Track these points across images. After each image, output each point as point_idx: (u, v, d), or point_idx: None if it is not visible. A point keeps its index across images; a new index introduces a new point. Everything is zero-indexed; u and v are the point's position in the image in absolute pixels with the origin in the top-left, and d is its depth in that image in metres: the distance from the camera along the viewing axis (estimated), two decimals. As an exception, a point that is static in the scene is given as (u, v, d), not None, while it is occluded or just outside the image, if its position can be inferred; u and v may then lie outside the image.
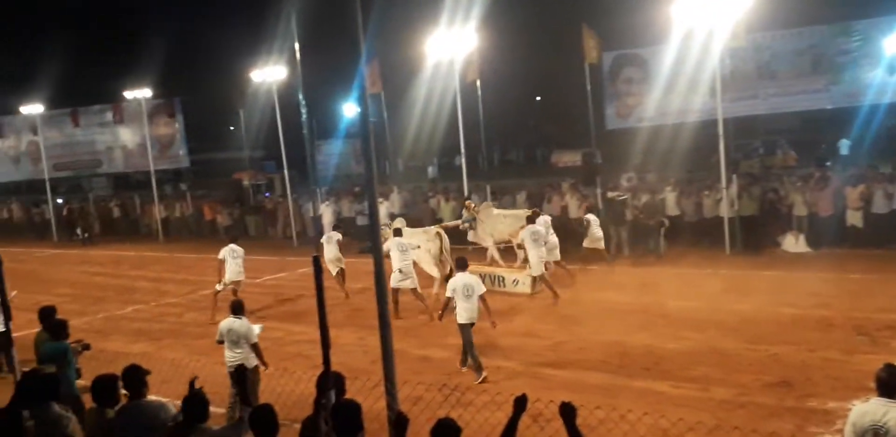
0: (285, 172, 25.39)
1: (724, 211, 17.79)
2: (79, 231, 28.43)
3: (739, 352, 10.14)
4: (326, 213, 23.07)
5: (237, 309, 8.70)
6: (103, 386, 5.47)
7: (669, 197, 18.96)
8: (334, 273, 14.77)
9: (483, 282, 10.76)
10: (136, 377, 5.50)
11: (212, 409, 5.28)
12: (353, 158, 43.43)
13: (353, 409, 4.60)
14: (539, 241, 13.89)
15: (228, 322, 8.55)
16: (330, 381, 4.68)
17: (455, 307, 9.95)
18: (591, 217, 16.63)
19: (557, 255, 15.10)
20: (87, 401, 5.93)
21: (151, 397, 5.67)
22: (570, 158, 36.40)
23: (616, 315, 12.41)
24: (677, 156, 25.08)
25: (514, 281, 14.57)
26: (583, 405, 4.76)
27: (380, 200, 21.22)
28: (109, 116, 35.89)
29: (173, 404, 5.60)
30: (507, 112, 46.47)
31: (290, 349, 11.52)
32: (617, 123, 22.79)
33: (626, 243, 18.37)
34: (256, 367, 8.41)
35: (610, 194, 19.72)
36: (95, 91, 44.58)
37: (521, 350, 10.82)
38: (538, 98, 59.08)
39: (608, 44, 22.73)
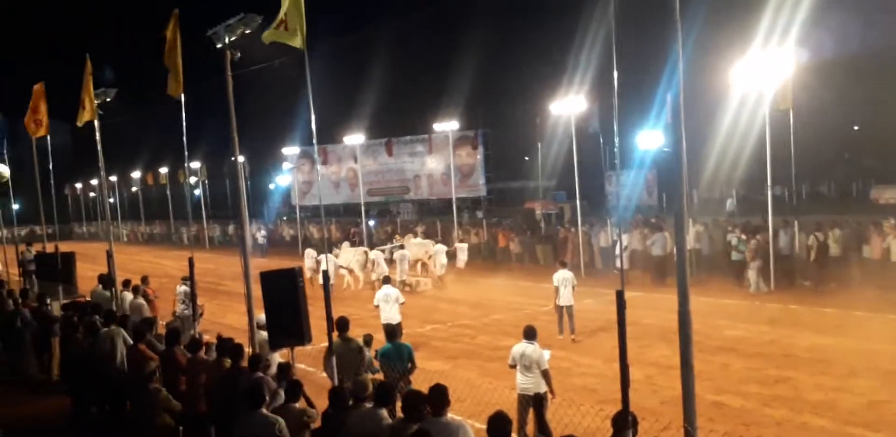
0: (577, 201, 25.60)
1: None
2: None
3: None
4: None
5: (530, 334, 8.83)
6: (412, 403, 5.86)
7: None
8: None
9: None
10: (441, 396, 5.81)
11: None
12: (646, 189, 42.65)
13: None
14: (404, 261, 22.16)
15: (521, 347, 8.73)
16: (628, 420, 4.56)
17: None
18: (438, 247, 23.12)
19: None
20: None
21: (450, 415, 5.94)
22: (892, 195, 32.38)
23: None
24: None
25: (416, 282, 22.57)
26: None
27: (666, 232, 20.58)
28: (419, 146, 39.13)
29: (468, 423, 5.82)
30: (820, 142, 42.63)
31: (576, 381, 11.49)
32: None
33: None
34: (545, 394, 8.49)
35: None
36: (409, 123, 48.84)
37: (832, 407, 9.79)
38: (856, 127, 53.57)
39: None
